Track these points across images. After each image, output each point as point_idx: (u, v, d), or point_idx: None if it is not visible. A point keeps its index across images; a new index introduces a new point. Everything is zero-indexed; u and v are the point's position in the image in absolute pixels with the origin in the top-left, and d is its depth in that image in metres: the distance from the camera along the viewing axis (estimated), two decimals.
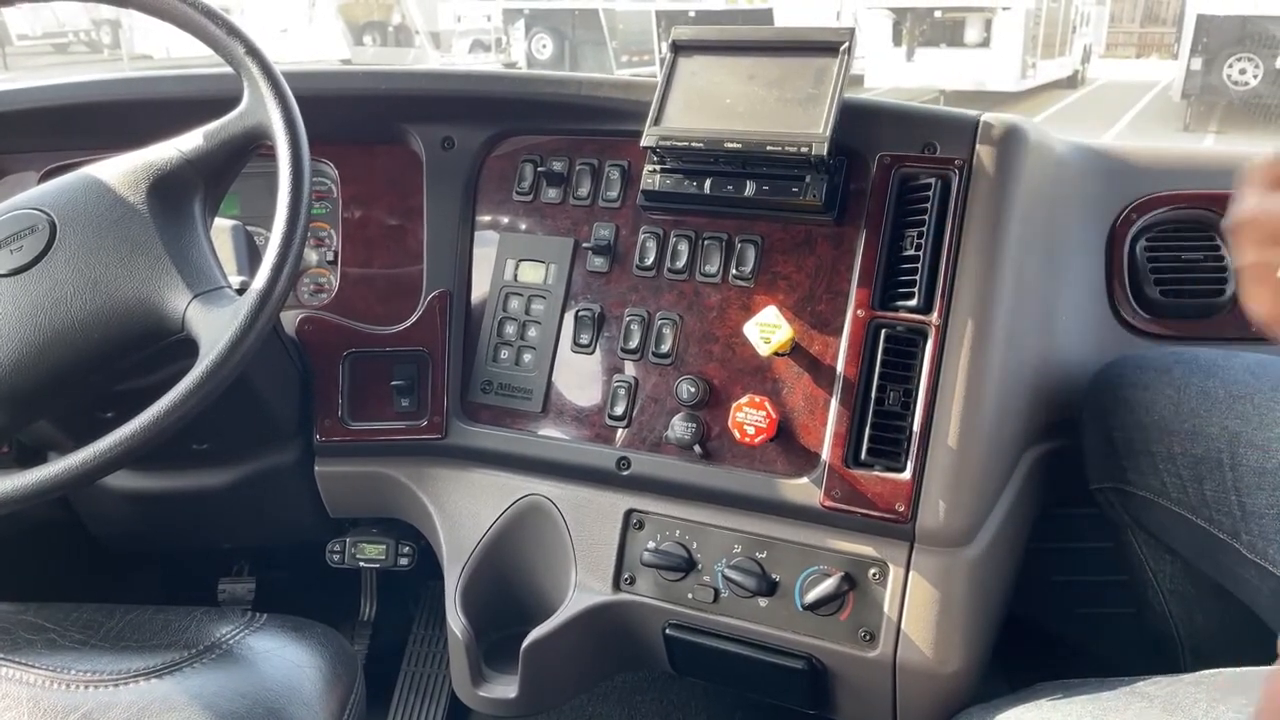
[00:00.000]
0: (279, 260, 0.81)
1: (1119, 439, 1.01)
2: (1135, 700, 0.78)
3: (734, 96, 0.98)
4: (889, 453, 0.92)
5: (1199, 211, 1.16)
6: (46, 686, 0.81)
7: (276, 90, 0.86)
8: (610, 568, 1.03)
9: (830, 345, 0.96)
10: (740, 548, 0.99)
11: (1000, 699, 0.88)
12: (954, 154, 0.95)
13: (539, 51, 13.93)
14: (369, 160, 1.18)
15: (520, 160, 1.13)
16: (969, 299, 0.92)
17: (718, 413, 0.99)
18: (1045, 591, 1.28)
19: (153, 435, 0.77)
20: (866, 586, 0.94)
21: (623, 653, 1.09)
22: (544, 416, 1.07)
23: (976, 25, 12.14)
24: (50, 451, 1.10)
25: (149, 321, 0.84)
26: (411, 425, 1.12)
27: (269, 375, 1.08)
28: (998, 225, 0.93)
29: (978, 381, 0.91)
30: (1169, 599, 1.08)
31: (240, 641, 0.91)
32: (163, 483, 1.17)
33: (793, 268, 1.00)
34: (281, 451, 1.16)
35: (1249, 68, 10.40)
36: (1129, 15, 21.74)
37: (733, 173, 0.99)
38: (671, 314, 1.03)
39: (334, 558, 1.28)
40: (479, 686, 1.05)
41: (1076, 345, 1.11)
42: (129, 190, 0.87)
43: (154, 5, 0.89)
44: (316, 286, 1.20)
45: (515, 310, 1.10)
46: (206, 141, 0.89)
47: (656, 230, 1.05)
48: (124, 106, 1.16)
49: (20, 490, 0.78)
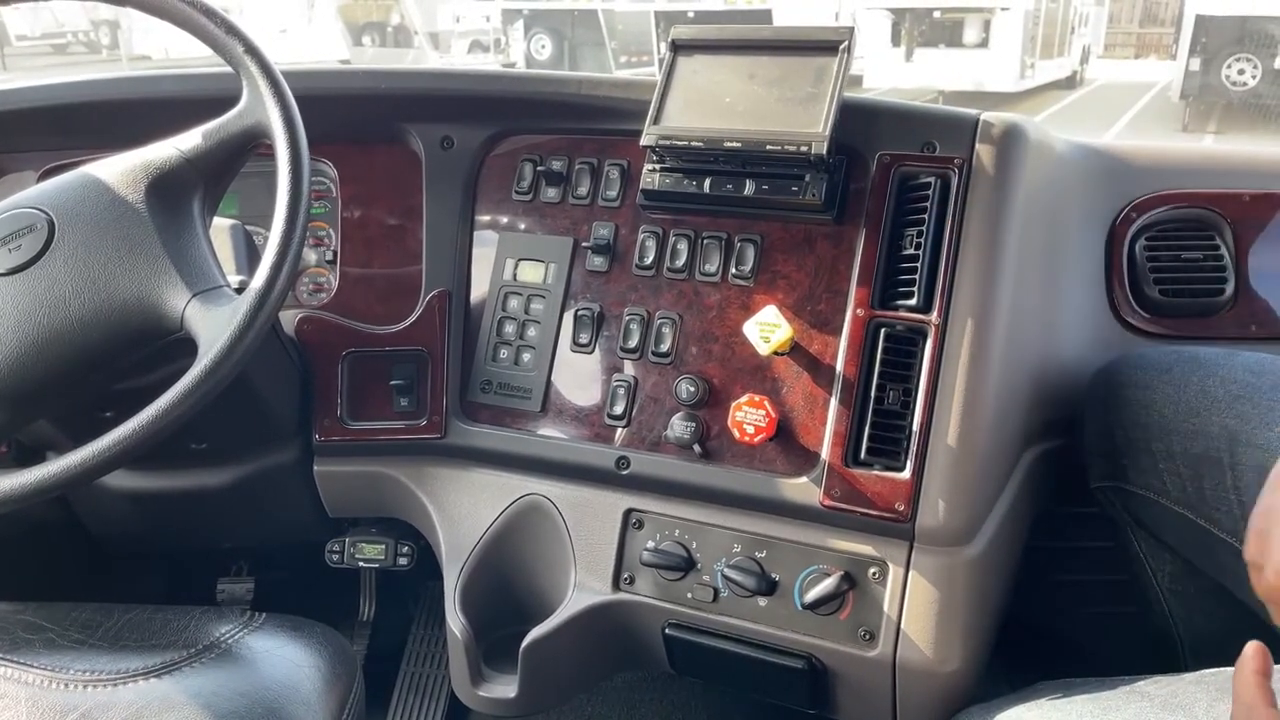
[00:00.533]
0: (278, 259, 0.81)
1: (1119, 438, 1.01)
2: (1135, 699, 0.78)
3: (734, 96, 0.98)
4: (889, 452, 0.92)
5: (1199, 211, 1.16)
6: (45, 686, 0.81)
7: (275, 89, 0.86)
8: (610, 567, 1.03)
9: (830, 344, 0.96)
10: (740, 547, 0.98)
11: (1000, 698, 0.88)
12: (954, 153, 0.95)
13: (538, 52, 13.93)
14: (368, 160, 1.18)
15: (519, 159, 1.12)
16: (969, 298, 0.92)
17: (717, 412, 0.99)
18: (1045, 591, 1.28)
19: (151, 434, 0.77)
20: (866, 586, 0.94)
21: (622, 652, 1.09)
22: (543, 416, 1.07)
23: (975, 26, 12.15)
24: (49, 451, 1.10)
25: (148, 320, 0.83)
26: (411, 425, 1.12)
27: (268, 375, 1.07)
28: (997, 224, 0.93)
29: (977, 380, 0.90)
30: (1169, 598, 1.08)
31: (239, 641, 0.91)
32: (161, 482, 1.17)
33: (792, 267, 1.00)
34: (280, 451, 1.15)
35: (1248, 68, 10.40)
36: (1128, 16, 21.73)
37: (732, 172, 0.98)
38: (671, 313, 1.03)
39: (333, 557, 1.28)
40: (478, 686, 1.05)
41: (1076, 344, 1.11)
42: (128, 189, 0.87)
43: (153, 4, 0.89)
44: (316, 286, 1.20)
45: (514, 310, 1.10)
46: (205, 140, 0.89)
47: (656, 229, 1.05)
48: (122, 106, 1.16)
49: (19, 489, 0.78)
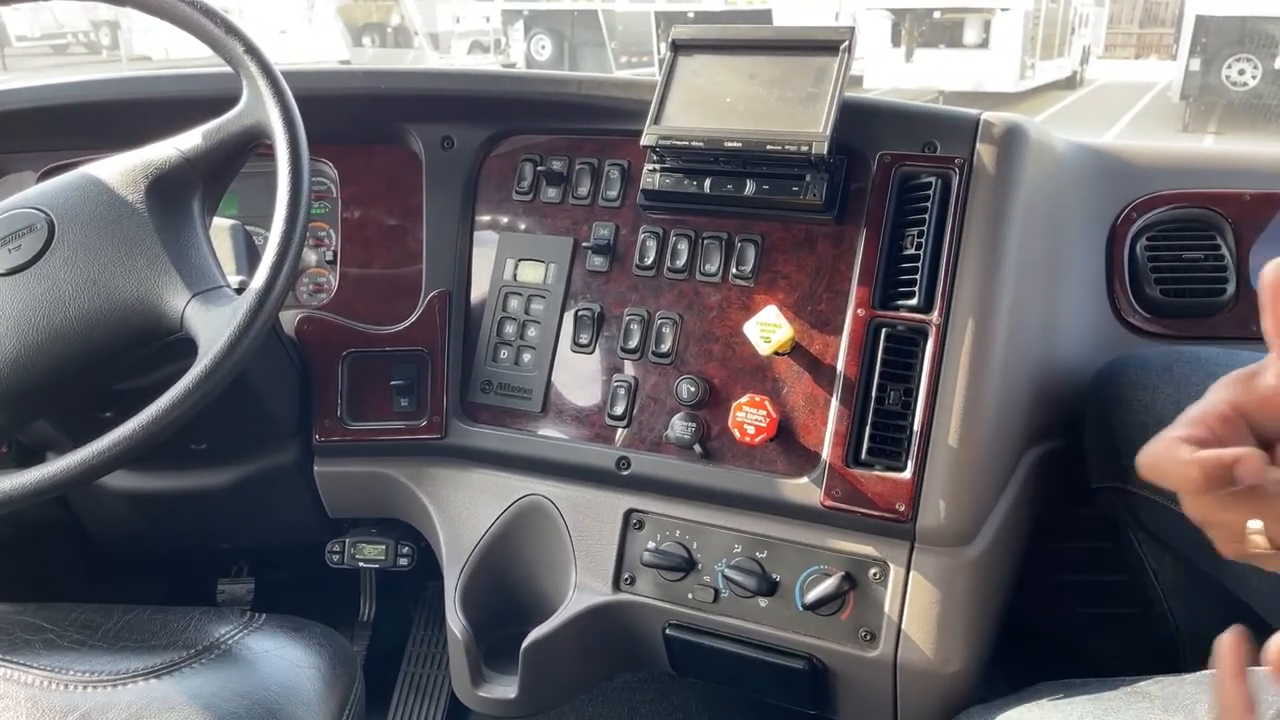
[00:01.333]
0: (278, 259, 0.81)
1: (1120, 438, 1.01)
2: (1136, 700, 0.78)
3: (734, 95, 0.98)
4: (889, 452, 0.92)
5: (1199, 211, 1.16)
6: (45, 687, 0.81)
7: (275, 89, 0.86)
8: (610, 568, 1.03)
9: (830, 344, 0.96)
10: (740, 547, 0.98)
11: (1001, 699, 0.88)
12: (954, 153, 0.95)
13: (538, 53, 13.93)
14: (368, 160, 1.17)
15: (520, 160, 1.12)
16: (969, 298, 0.92)
17: (718, 412, 0.99)
18: (1046, 591, 1.27)
19: (151, 435, 0.77)
20: (867, 586, 0.94)
21: (623, 653, 1.09)
22: (543, 416, 1.07)
23: (975, 26, 12.15)
24: (49, 451, 1.10)
25: (147, 321, 0.83)
26: (411, 425, 1.12)
27: (268, 375, 1.07)
28: (998, 224, 0.93)
29: (978, 381, 0.90)
30: (1170, 598, 1.08)
31: (239, 642, 0.91)
32: (161, 483, 1.17)
33: (793, 267, 0.99)
34: (280, 452, 1.15)
35: (1248, 68, 10.40)
36: (1128, 16, 21.74)
37: (733, 172, 0.98)
38: (671, 313, 1.03)
39: (333, 558, 1.28)
40: (479, 687, 1.05)
41: (1077, 345, 1.11)
42: (128, 189, 0.86)
43: (153, 4, 0.89)
44: (315, 286, 1.20)
45: (515, 310, 1.10)
46: (205, 141, 0.89)
47: (656, 230, 1.05)
48: (122, 106, 1.16)
49: (19, 490, 0.78)
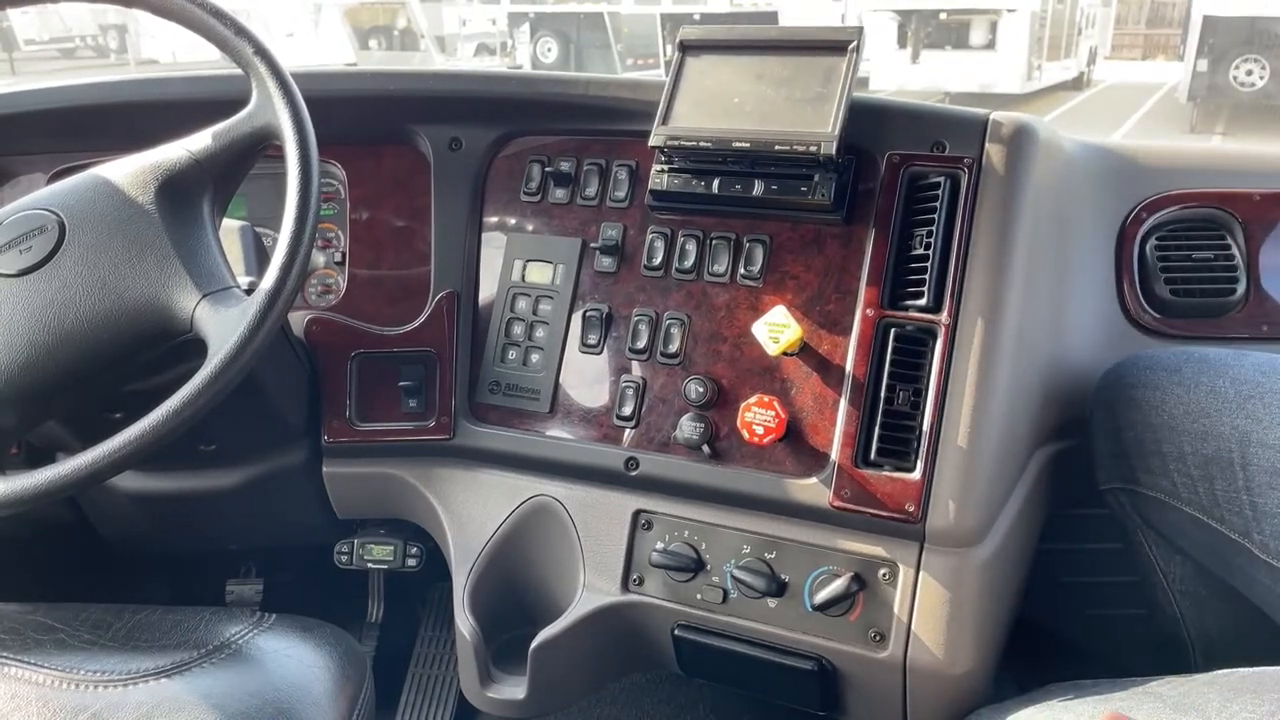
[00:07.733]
0: (287, 260, 0.81)
1: (1129, 439, 1.01)
2: (1147, 700, 0.78)
3: (742, 96, 0.98)
4: (899, 452, 0.92)
5: (1209, 210, 1.16)
6: (56, 686, 0.81)
7: (285, 90, 0.86)
8: (619, 568, 1.03)
9: (839, 345, 0.96)
10: (749, 548, 0.98)
11: (1011, 700, 0.88)
12: (963, 153, 0.95)
13: (544, 55, 13.94)
14: (376, 161, 1.18)
15: (527, 160, 1.13)
16: (979, 298, 0.91)
17: (726, 413, 0.99)
18: (1055, 592, 1.27)
19: (161, 435, 0.77)
20: (876, 587, 0.94)
21: (631, 654, 1.09)
22: (552, 417, 1.07)
23: (981, 27, 12.14)
24: (59, 452, 1.11)
25: (158, 321, 0.84)
26: (419, 426, 1.12)
27: (277, 376, 1.07)
28: (1007, 224, 0.93)
29: (988, 381, 0.90)
30: (1180, 600, 1.08)
31: (250, 641, 0.91)
32: (171, 484, 1.17)
33: (801, 267, 0.99)
34: (289, 452, 1.15)
35: (1255, 69, 10.36)
36: (1135, 17, 21.68)
37: (741, 172, 0.98)
38: (679, 314, 1.03)
39: (342, 559, 1.28)
40: (487, 687, 1.05)
41: (1086, 344, 1.10)
42: (138, 191, 0.87)
43: (162, 5, 0.89)
44: (324, 287, 1.20)
45: (523, 311, 1.10)
46: (215, 142, 0.89)
47: (664, 230, 1.05)
48: (132, 108, 1.16)
49: (29, 490, 0.78)
